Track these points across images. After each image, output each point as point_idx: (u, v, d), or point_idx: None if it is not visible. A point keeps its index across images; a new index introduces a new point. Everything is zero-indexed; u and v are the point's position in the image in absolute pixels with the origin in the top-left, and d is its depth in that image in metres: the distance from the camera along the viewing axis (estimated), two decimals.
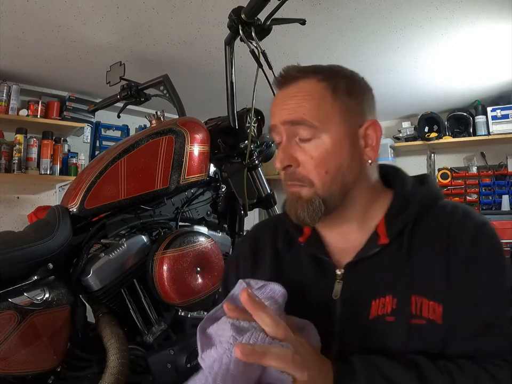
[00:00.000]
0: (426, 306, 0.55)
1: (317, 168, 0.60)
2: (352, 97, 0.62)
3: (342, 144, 0.60)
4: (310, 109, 0.60)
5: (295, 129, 0.61)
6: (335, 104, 0.60)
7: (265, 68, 1.12)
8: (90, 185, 1.05)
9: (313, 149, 0.60)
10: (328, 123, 0.60)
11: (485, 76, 2.85)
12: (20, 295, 0.88)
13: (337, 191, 0.61)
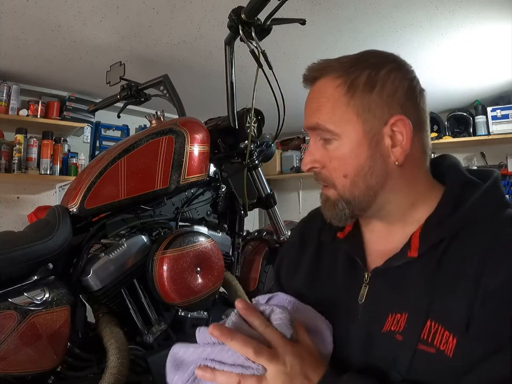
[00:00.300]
0: (439, 335, 0.50)
1: (335, 171, 0.58)
2: (375, 91, 0.56)
3: (360, 146, 0.56)
4: (325, 112, 0.58)
5: (317, 133, 0.60)
6: (350, 103, 0.56)
7: (265, 67, 1.12)
8: (90, 185, 1.05)
9: (332, 152, 0.58)
10: (344, 125, 0.57)
11: (485, 76, 2.85)
12: (19, 295, 0.88)
13: (362, 194, 0.58)
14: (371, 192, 0.58)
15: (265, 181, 1.45)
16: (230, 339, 0.49)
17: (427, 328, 0.51)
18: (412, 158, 0.57)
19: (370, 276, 0.59)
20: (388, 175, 0.57)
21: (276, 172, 4.32)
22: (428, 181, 0.60)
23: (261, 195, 1.43)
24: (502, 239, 0.50)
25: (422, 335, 0.51)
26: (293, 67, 2.59)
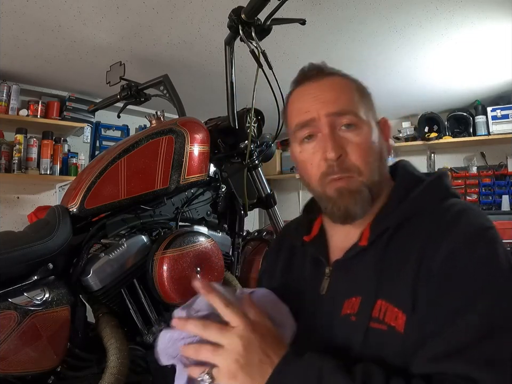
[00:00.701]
0: (390, 312, 0.54)
1: (363, 156, 0.61)
2: (370, 98, 0.67)
3: (375, 134, 0.63)
4: (354, 100, 0.63)
5: (339, 120, 0.61)
6: (360, 99, 0.64)
7: (265, 67, 1.12)
8: (90, 185, 1.05)
9: (358, 138, 0.61)
10: (367, 114, 0.63)
11: (485, 76, 2.85)
12: (20, 295, 0.88)
13: (378, 181, 0.62)
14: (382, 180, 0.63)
15: (265, 181, 1.45)
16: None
17: (378, 307, 0.55)
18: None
19: (331, 270, 0.64)
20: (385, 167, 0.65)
21: (276, 172, 4.32)
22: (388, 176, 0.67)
23: (261, 195, 1.43)
24: (442, 225, 0.55)
25: (373, 314, 0.55)
26: (293, 67, 2.58)
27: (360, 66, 2.62)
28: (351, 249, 0.62)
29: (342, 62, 2.63)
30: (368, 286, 0.57)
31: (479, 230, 0.54)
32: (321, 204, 0.66)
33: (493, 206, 3.38)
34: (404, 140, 3.72)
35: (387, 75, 2.82)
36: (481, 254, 0.52)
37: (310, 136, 0.63)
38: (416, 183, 0.62)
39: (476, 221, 0.55)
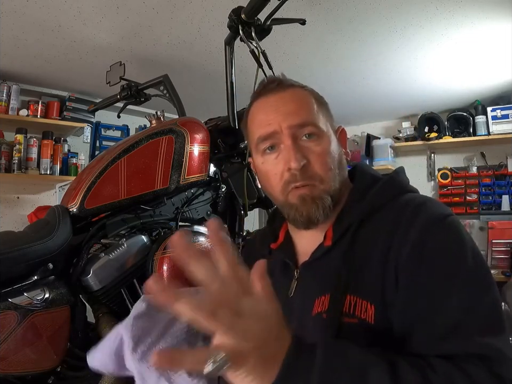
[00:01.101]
0: (359, 306, 0.56)
1: (324, 164, 0.64)
2: (325, 107, 0.69)
3: (334, 142, 0.67)
4: (313, 112, 0.66)
5: (301, 130, 0.64)
6: (319, 110, 0.67)
7: (265, 67, 1.12)
8: (90, 185, 1.05)
9: (319, 147, 0.64)
10: (325, 124, 0.66)
11: (485, 76, 2.85)
12: (19, 295, 0.88)
13: (339, 187, 0.65)
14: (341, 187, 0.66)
15: None
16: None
17: (347, 302, 0.57)
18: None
19: (299, 272, 0.66)
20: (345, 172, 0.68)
21: None
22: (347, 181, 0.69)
23: (261, 195, 1.43)
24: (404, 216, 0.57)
25: (344, 309, 0.57)
26: (293, 67, 2.59)
27: (360, 66, 2.63)
28: (316, 251, 0.64)
29: (341, 62, 2.64)
30: (336, 283, 0.59)
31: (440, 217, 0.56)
32: (284, 212, 0.68)
33: (493, 206, 3.39)
34: (404, 140, 3.72)
35: (387, 75, 2.82)
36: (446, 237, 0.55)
37: (272, 147, 0.65)
38: (373, 182, 0.65)
39: (436, 210, 0.58)
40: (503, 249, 3.16)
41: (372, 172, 0.70)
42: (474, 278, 0.53)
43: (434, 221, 0.56)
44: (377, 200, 0.62)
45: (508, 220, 3.19)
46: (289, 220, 0.68)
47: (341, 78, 2.80)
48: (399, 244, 0.55)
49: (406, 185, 0.66)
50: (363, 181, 0.67)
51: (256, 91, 0.71)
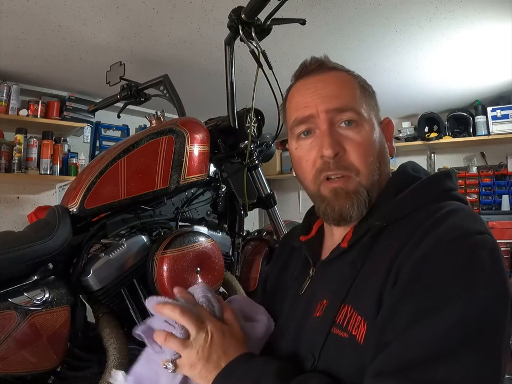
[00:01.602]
0: (353, 320, 0.50)
1: (363, 155, 0.58)
2: (373, 97, 0.64)
3: (377, 133, 0.60)
4: (355, 97, 0.60)
5: (339, 116, 0.59)
6: (363, 96, 0.61)
7: (265, 67, 1.12)
8: (90, 185, 1.05)
9: (358, 136, 0.58)
10: (368, 112, 0.61)
11: (485, 76, 2.85)
12: (19, 295, 0.88)
13: (378, 183, 0.59)
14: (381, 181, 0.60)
15: (265, 181, 1.45)
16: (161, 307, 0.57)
17: (343, 313, 0.52)
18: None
19: (315, 270, 0.63)
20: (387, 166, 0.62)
21: (276, 172, 4.32)
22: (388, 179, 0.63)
23: (261, 195, 1.43)
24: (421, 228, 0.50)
25: (337, 319, 0.52)
26: (293, 67, 2.58)
27: (360, 66, 2.62)
28: (334, 251, 0.60)
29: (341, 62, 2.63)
30: (338, 290, 0.54)
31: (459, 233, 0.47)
32: (315, 203, 0.63)
33: (493, 206, 3.38)
34: (404, 140, 3.72)
35: (387, 75, 2.82)
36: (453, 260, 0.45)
37: (308, 131, 0.61)
38: (408, 183, 0.57)
39: (461, 223, 0.48)
40: (503, 249, 3.16)
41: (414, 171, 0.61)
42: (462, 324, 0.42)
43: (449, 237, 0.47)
44: (405, 205, 0.55)
45: (508, 220, 3.19)
46: (320, 214, 0.62)
47: None
48: (403, 260, 0.48)
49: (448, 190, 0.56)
50: (399, 180, 0.60)
51: (296, 72, 0.66)
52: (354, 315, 0.50)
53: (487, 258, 0.45)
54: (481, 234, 0.47)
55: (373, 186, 0.58)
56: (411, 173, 0.60)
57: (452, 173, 0.58)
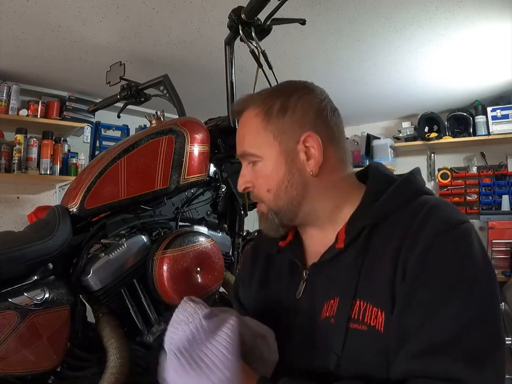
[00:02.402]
0: (369, 312, 0.55)
1: (261, 188, 0.67)
2: (287, 115, 0.65)
3: (278, 164, 0.65)
4: (248, 140, 0.67)
5: (245, 158, 0.69)
6: (268, 128, 0.65)
7: (265, 67, 1.12)
8: (90, 185, 1.05)
9: (258, 172, 0.67)
10: (264, 148, 0.65)
11: (485, 76, 2.85)
12: (19, 295, 0.88)
13: (286, 204, 0.66)
14: (294, 202, 0.65)
15: None
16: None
17: (356, 307, 0.56)
18: (328, 168, 0.65)
19: (308, 273, 0.66)
20: (307, 185, 0.65)
21: None
22: (350, 184, 0.68)
23: None
24: (416, 221, 0.56)
25: (352, 314, 0.56)
26: (293, 67, 2.59)
27: (360, 66, 2.62)
28: (327, 252, 0.63)
29: (342, 62, 2.63)
30: (345, 287, 0.58)
31: (450, 224, 0.54)
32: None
33: (493, 206, 3.38)
34: (404, 140, 3.72)
35: (387, 75, 2.82)
36: (453, 248, 0.53)
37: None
38: (387, 183, 0.63)
39: (448, 216, 0.56)
40: (503, 249, 3.15)
41: (387, 172, 0.68)
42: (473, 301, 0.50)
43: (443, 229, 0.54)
44: (391, 203, 0.61)
45: (508, 220, 3.19)
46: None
47: (341, 78, 2.80)
48: (407, 252, 0.54)
49: (421, 187, 0.64)
50: (377, 182, 0.65)
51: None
52: (369, 307, 0.55)
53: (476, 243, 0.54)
54: (466, 223, 0.56)
55: (280, 209, 0.66)
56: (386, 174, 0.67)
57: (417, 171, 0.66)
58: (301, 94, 0.66)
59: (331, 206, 0.66)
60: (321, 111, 0.65)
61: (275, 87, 0.71)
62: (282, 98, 0.66)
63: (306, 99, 0.66)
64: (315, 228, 0.68)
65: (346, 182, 0.67)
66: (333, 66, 2.64)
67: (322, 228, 0.67)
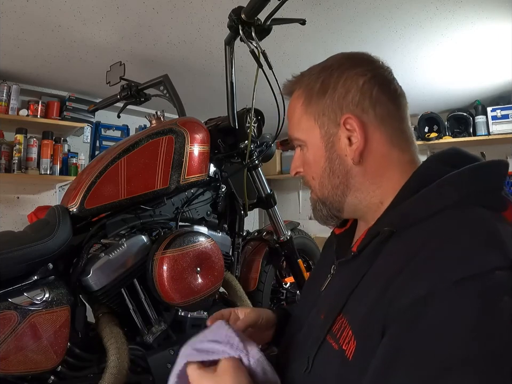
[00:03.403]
0: (345, 334, 0.47)
1: (308, 175, 0.63)
2: (327, 95, 0.58)
3: (319, 149, 0.60)
4: (293, 124, 0.64)
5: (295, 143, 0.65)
6: (308, 111, 0.60)
7: (265, 67, 1.12)
8: (90, 185, 1.05)
9: (305, 157, 0.63)
10: (307, 132, 0.61)
11: (485, 76, 2.85)
12: (19, 295, 0.88)
13: (331, 194, 0.60)
14: (338, 192, 0.59)
15: (265, 181, 1.45)
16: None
17: (338, 323, 0.50)
18: (375, 154, 0.56)
19: (335, 269, 0.62)
20: (349, 174, 0.58)
21: (276, 171, 4.32)
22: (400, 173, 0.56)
23: (261, 195, 1.43)
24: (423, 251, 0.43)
25: (333, 328, 0.50)
26: (293, 67, 2.59)
27: None
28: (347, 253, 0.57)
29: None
30: (337, 298, 0.52)
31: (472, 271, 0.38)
32: None
33: None
34: None
35: None
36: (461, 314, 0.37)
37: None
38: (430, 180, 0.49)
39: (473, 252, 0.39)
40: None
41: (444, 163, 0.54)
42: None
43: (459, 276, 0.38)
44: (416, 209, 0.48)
45: None
46: None
47: None
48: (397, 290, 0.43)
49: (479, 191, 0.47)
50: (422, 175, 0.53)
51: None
52: (347, 329, 0.48)
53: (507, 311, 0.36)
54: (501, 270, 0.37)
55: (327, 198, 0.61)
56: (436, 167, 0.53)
57: (500, 164, 0.49)
58: (344, 69, 0.57)
59: (375, 201, 0.57)
60: (367, 86, 0.56)
61: (324, 62, 0.62)
62: (325, 75, 0.59)
63: (350, 75, 0.57)
64: (363, 223, 0.61)
65: (399, 172, 0.56)
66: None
67: (368, 223, 0.58)
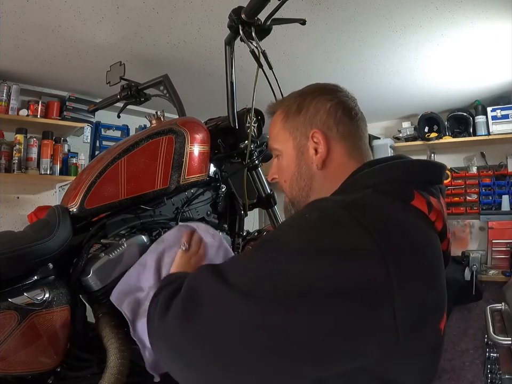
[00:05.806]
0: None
1: (281, 179, 0.79)
2: (301, 114, 0.74)
3: (292, 157, 0.75)
4: (273, 136, 0.80)
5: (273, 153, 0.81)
6: (285, 126, 0.76)
7: (265, 67, 1.12)
8: (90, 185, 1.05)
9: (280, 165, 0.79)
10: (284, 143, 0.76)
11: (485, 76, 2.85)
12: (20, 295, 0.88)
13: (297, 195, 0.75)
14: (303, 193, 0.74)
15: (265, 181, 1.45)
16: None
17: None
18: (335, 163, 0.71)
19: None
20: (313, 177, 0.73)
21: None
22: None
23: (261, 195, 1.43)
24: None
25: None
26: (293, 67, 2.59)
27: (360, 66, 2.62)
28: None
29: (341, 62, 2.63)
30: None
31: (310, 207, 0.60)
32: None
33: (493, 206, 3.38)
34: (404, 140, 3.72)
35: (387, 75, 2.82)
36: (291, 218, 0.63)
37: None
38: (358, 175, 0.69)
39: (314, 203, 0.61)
40: (503, 249, 3.16)
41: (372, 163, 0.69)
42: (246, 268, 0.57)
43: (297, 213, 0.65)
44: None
45: (508, 220, 3.19)
46: None
47: (341, 78, 2.80)
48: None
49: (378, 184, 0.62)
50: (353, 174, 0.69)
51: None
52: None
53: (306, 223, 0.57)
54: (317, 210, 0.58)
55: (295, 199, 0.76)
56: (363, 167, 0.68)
57: (413, 163, 0.66)
58: (316, 95, 0.74)
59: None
60: (333, 109, 0.72)
61: (301, 90, 0.79)
62: (300, 99, 0.75)
63: (320, 100, 0.73)
64: None
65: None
66: (333, 66, 2.64)
67: None
